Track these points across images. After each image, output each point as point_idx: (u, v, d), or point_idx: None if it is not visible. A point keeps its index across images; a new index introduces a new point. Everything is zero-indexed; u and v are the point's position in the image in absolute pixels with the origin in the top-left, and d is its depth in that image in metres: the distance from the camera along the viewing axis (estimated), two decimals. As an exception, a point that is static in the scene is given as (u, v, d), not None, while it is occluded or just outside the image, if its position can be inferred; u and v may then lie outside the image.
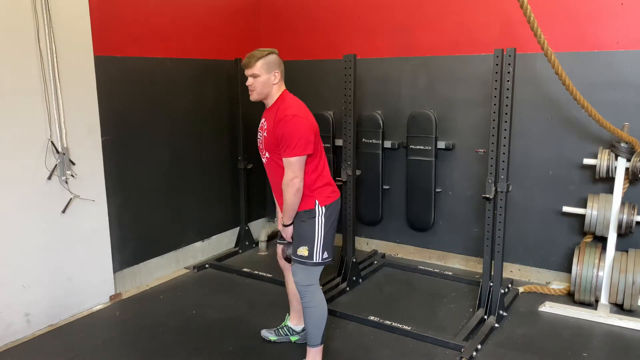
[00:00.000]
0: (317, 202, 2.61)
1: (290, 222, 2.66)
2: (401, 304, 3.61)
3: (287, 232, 2.70)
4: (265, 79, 2.58)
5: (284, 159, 2.52)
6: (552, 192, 3.77)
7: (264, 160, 2.73)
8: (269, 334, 3.10)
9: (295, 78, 4.73)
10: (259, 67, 2.57)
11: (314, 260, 2.61)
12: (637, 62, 3.39)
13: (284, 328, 3.09)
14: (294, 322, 3.07)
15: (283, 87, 2.67)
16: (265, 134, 2.66)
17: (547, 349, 3.00)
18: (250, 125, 4.52)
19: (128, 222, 3.80)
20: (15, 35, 2.95)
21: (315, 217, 2.60)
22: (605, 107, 3.36)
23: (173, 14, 3.99)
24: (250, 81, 2.61)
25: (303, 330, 3.00)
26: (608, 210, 3.41)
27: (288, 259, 2.76)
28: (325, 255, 2.64)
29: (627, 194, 3.45)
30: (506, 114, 3.08)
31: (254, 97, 2.64)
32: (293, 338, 3.06)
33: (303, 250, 2.61)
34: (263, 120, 2.71)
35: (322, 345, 2.72)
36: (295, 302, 3.00)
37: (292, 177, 2.52)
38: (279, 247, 2.94)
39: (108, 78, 3.52)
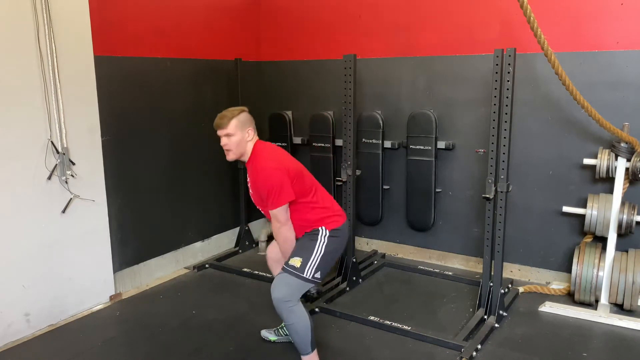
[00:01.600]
0: (322, 227, 2.65)
1: None
2: (401, 304, 3.61)
3: None
4: (239, 137, 2.60)
5: (269, 211, 2.58)
6: (552, 192, 3.77)
7: (262, 212, 2.78)
8: (268, 334, 3.10)
9: (295, 78, 4.76)
10: (232, 126, 2.58)
11: (304, 275, 2.56)
12: (637, 62, 3.39)
13: (284, 328, 3.08)
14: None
15: (256, 139, 2.68)
16: (251, 190, 2.74)
17: (547, 349, 3.00)
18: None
19: (128, 222, 3.80)
20: (15, 35, 2.94)
21: (318, 234, 2.63)
22: (605, 107, 3.36)
23: (173, 14, 3.99)
24: (224, 141, 2.62)
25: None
26: (608, 210, 3.41)
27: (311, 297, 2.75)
28: (318, 275, 2.59)
29: (627, 194, 3.45)
30: (506, 114, 3.08)
31: (230, 157, 2.66)
32: (293, 338, 3.06)
33: (296, 261, 2.58)
34: (248, 177, 2.77)
35: (315, 351, 2.70)
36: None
37: (279, 226, 2.59)
38: (271, 248, 2.96)
39: (108, 78, 3.52)
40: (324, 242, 2.62)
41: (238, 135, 2.59)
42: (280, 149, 2.77)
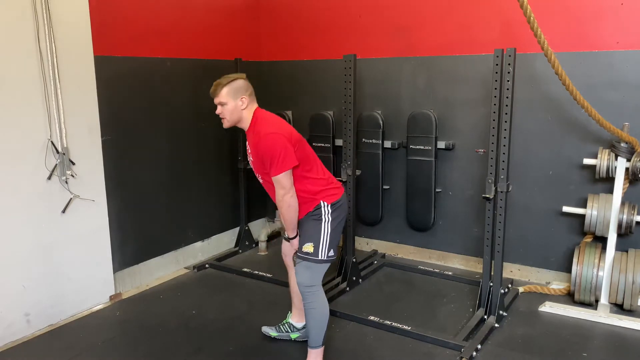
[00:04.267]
0: (322, 202, 2.63)
1: (294, 234, 2.70)
2: (401, 304, 3.61)
3: (294, 245, 2.74)
4: (232, 106, 2.59)
5: (272, 178, 2.56)
6: (552, 192, 3.77)
7: (260, 181, 2.77)
8: (269, 330, 3.11)
9: (295, 78, 4.76)
10: (224, 94, 2.59)
11: (319, 257, 2.61)
12: (637, 62, 3.39)
13: (285, 325, 3.09)
14: (295, 319, 3.08)
15: (254, 107, 2.67)
16: (252, 158, 2.71)
17: (547, 349, 3.00)
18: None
19: (128, 222, 3.80)
20: (15, 36, 2.94)
21: (321, 214, 2.63)
22: (605, 107, 3.36)
23: (173, 14, 3.99)
24: (219, 109, 2.63)
25: (304, 327, 3.00)
26: (608, 210, 3.41)
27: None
28: (331, 253, 2.64)
29: (627, 194, 3.45)
30: (506, 114, 3.08)
31: (225, 124, 2.67)
32: (293, 335, 3.06)
33: (308, 247, 2.61)
34: (248, 145, 2.75)
35: (323, 347, 2.72)
36: (297, 300, 3.00)
37: (283, 193, 2.56)
38: (285, 244, 2.94)
39: (108, 78, 3.52)
40: (328, 220, 2.63)
41: (231, 103, 2.59)
42: (280, 118, 2.75)
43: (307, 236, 2.64)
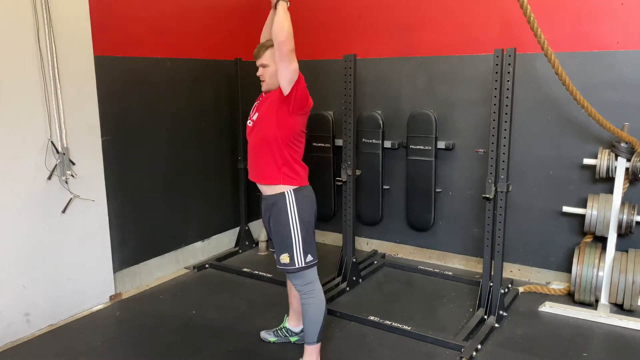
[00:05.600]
0: (286, 190, 2.54)
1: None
2: (401, 304, 3.61)
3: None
4: (274, 69, 2.53)
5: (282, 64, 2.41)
6: (552, 192, 3.77)
7: (250, 123, 2.63)
8: (268, 335, 3.10)
9: (295, 78, 4.75)
10: (267, 56, 2.56)
11: (297, 266, 2.58)
12: (637, 62, 3.39)
13: (283, 330, 3.09)
14: (292, 323, 3.07)
15: None
16: (257, 112, 2.62)
17: (547, 349, 3.00)
18: (250, 125, 4.51)
19: (128, 222, 3.79)
20: (15, 35, 2.94)
21: (286, 204, 2.54)
22: (605, 107, 3.36)
23: (173, 14, 3.99)
24: (260, 71, 2.59)
25: (302, 331, 2.99)
26: (608, 210, 3.41)
27: None
28: (309, 258, 2.60)
29: (627, 194, 3.45)
30: (506, 114, 3.08)
31: (264, 87, 2.63)
32: (292, 339, 3.06)
33: (284, 258, 2.59)
34: (256, 104, 2.67)
35: (319, 344, 2.71)
36: (295, 303, 2.99)
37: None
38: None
39: (108, 78, 3.52)
40: (295, 216, 2.54)
41: (272, 66, 2.54)
42: None
43: (281, 246, 2.60)
